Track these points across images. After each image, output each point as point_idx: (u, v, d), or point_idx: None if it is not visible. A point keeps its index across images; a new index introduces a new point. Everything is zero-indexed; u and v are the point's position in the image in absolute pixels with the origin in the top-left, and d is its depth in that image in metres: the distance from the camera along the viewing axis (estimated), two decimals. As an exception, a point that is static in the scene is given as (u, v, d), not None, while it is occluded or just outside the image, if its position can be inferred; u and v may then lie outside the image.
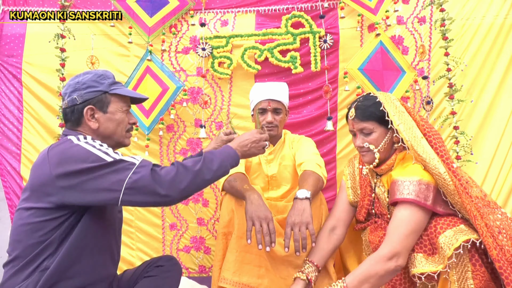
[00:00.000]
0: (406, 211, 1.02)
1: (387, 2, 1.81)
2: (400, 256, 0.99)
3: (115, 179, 0.86)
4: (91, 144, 0.93)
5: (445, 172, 0.99)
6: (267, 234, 1.14)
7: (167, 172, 0.91)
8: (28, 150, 1.91)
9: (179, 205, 1.97)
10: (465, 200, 0.98)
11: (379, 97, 1.13)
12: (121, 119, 1.04)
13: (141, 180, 0.87)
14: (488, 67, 1.90)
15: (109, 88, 1.03)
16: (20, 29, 1.93)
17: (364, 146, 1.14)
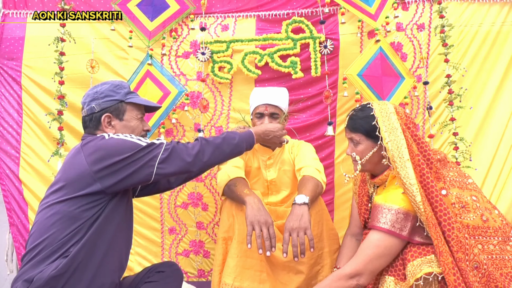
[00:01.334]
0: (377, 235, 1.04)
1: (387, 9, 1.86)
2: (362, 276, 1.03)
3: (148, 158, 1.01)
4: (121, 136, 1.05)
5: (420, 202, 0.99)
6: (267, 239, 1.17)
7: (192, 145, 1.09)
8: (27, 153, 1.93)
9: (178, 209, 2.00)
10: (433, 234, 0.98)
11: (374, 111, 1.13)
12: (136, 126, 1.15)
13: (171, 153, 1.04)
14: (485, 74, 1.95)
15: (125, 97, 1.14)
16: (20, 32, 1.95)
17: (352, 156, 1.20)
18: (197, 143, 1.09)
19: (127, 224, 1.13)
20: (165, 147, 1.04)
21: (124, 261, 1.12)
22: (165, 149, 1.04)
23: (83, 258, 0.97)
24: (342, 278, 1.05)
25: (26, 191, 1.92)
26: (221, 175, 1.47)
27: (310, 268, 1.35)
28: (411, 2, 1.98)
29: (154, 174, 1.02)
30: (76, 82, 1.95)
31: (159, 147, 1.04)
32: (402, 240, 1.04)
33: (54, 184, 1.04)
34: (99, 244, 1.00)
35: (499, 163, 1.87)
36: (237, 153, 1.18)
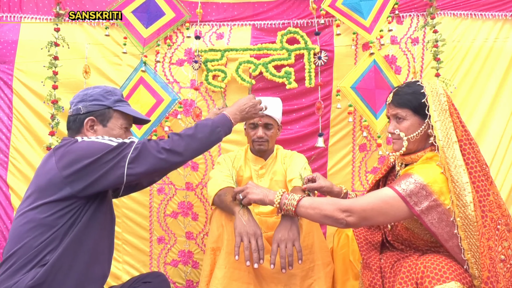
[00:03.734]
0: (391, 193, 1.04)
1: (382, 22, 1.95)
2: (353, 216, 1.06)
3: (118, 158, 1.01)
4: (93, 138, 1.06)
5: (467, 183, 1.00)
6: (255, 251, 1.20)
7: (164, 140, 1.08)
8: (16, 158, 1.97)
9: (168, 218, 2.03)
10: (478, 214, 0.99)
11: (425, 88, 1.13)
12: (118, 135, 1.14)
13: (141, 151, 1.02)
14: (478, 90, 2.03)
15: (114, 104, 1.14)
16: (13, 36, 2.01)
17: (395, 133, 1.17)
18: (169, 139, 1.09)
19: (108, 232, 1.14)
20: (134, 146, 1.03)
21: (107, 269, 1.14)
22: (134, 148, 1.03)
23: (63, 267, 0.97)
24: (336, 206, 1.08)
25: (13, 196, 1.95)
26: (211, 185, 1.52)
27: (301, 281, 1.38)
28: (405, 16, 2.07)
29: (126, 175, 1.01)
30: (69, 87, 2.00)
31: (129, 146, 1.03)
32: (410, 212, 1.03)
33: (27, 190, 1.05)
34: (80, 252, 1.00)
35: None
36: (216, 139, 1.17)
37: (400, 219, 1.08)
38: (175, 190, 2.04)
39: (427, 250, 1.19)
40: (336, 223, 1.09)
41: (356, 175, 2.04)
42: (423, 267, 1.01)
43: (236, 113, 1.24)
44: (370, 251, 1.26)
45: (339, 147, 2.04)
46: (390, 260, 1.20)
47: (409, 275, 1.04)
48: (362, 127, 2.01)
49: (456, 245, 1.03)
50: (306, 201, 1.14)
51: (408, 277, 1.04)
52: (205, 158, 2.05)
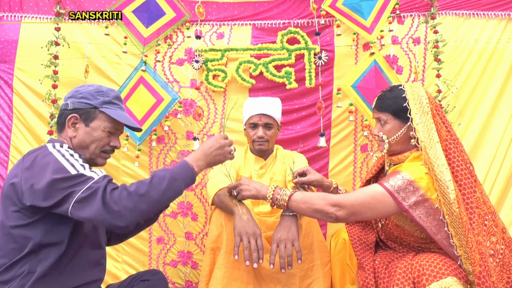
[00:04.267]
0: (380, 189, 1.09)
1: (382, 22, 1.95)
2: (342, 210, 1.10)
3: (69, 191, 0.93)
4: (62, 153, 1.01)
5: (450, 181, 1.04)
6: (254, 251, 1.21)
7: (117, 195, 0.94)
8: (16, 157, 1.99)
9: (167, 218, 2.04)
10: (463, 211, 1.03)
11: (406, 92, 1.18)
12: (99, 138, 1.11)
13: (91, 195, 0.92)
14: (480, 90, 2.04)
15: (101, 105, 1.11)
16: (14, 35, 2.03)
17: (379, 135, 1.24)
18: (117, 193, 0.94)
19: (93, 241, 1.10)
20: (89, 185, 0.93)
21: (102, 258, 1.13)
22: (88, 187, 0.93)
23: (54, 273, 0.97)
24: (326, 200, 1.12)
25: (13, 195, 1.96)
26: (211, 185, 1.53)
27: (300, 281, 1.39)
28: (406, 16, 2.08)
29: (70, 212, 0.93)
30: (69, 86, 2.02)
31: (85, 182, 0.94)
32: (398, 207, 1.07)
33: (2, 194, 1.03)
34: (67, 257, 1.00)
35: (491, 181, 1.94)
36: (173, 195, 1.00)
37: (388, 214, 1.11)
38: (175, 190, 2.04)
39: (418, 247, 1.21)
40: (326, 217, 1.13)
41: (358, 176, 2.04)
42: (418, 266, 1.04)
43: (200, 159, 1.07)
44: (364, 251, 1.29)
45: (341, 147, 2.04)
46: (384, 261, 1.22)
47: (405, 275, 1.06)
48: (363, 127, 2.02)
49: (445, 237, 1.06)
50: (297, 196, 1.17)
51: (404, 277, 1.06)
52: (205, 158, 2.05)
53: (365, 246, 1.30)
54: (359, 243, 1.31)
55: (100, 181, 0.95)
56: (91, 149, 1.11)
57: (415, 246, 1.22)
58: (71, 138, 1.10)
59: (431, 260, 1.04)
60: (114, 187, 0.96)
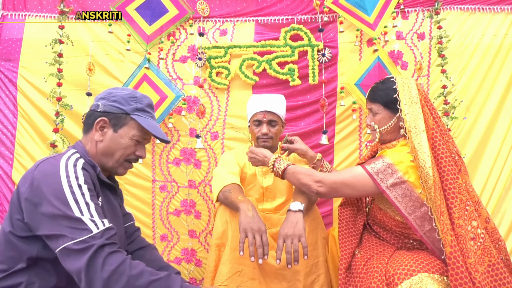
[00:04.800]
0: (360, 170, 1.20)
1: (386, 18, 1.95)
2: (323, 187, 1.23)
3: (63, 233, 0.89)
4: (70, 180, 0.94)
5: (430, 167, 1.12)
6: (260, 247, 1.22)
7: (111, 260, 0.89)
8: (21, 154, 2.01)
9: (170, 216, 2.05)
10: (437, 195, 1.10)
11: (397, 84, 1.26)
12: (126, 145, 1.07)
13: (80, 251, 0.88)
14: (487, 85, 2.03)
15: (132, 112, 1.07)
16: (18, 34, 2.05)
17: (371, 125, 1.31)
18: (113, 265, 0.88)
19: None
20: (84, 239, 0.88)
21: None
22: (82, 240, 0.88)
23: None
24: (312, 177, 1.26)
25: (18, 192, 1.98)
26: (215, 181, 1.54)
27: (305, 277, 1.39)
28: (411, 11, 2.08)
29: (57, 253, 0.90)
30: (73, 84, 2.04)
31: (81, 232, 0.89)
32: (377, 188, 1.17)
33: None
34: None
35: (496, 176, 1.94)
36: None
37: (367, 194, 1.22)
38: (178, 187, 2.06)
39: (399, 232, 1.28)
40: (309, 191, 1.28)
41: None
42: (390, 268, 1.12)
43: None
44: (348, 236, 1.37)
45: (346, 144, 2.04)
46: (364, 256, 1.28)
47: (379, 277, 1.13)
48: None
49: (418, 217, 1.14)
50: (290, 169, 1.32)
51: (379, 279, 1.13)
52: (208, 155, 2.06)
53: (351, 233, 1.38)
54: (346, 229, 1.39)
55: (97, 238, 0.89)
56: (115, 157, 1.07)
57: (396, 231, 1.29)
58: (97, 142, 1.06)
59: (403, 259, 1.12)
60: (112, 251, 0.90)
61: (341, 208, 1.45)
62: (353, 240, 1.36)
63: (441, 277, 1.06)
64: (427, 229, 1.14)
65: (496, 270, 1.07)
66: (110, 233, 0.93)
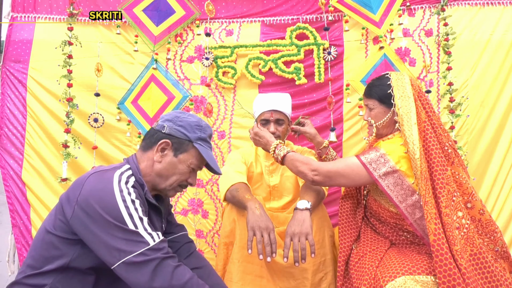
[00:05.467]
0: (355, 160, 1.25)
1: (392, 16, 1.95)
2: (319, 175, 1.27)
3: (119, 246, 0.90)
4: (123, 195, 0.95)
5: (418, 158, 1.17)
6: (268, 245, 1.23)
7: (178, 274, 0.92)
8: (31, 155, 2.05)
9: (178, 216, 2.07)
10: (423, 186, 1.16)
11: (391, 80, 1.31)
12: (182, 172, 1.09)
13: (143, 264, 0.90)
14: (500, 82, 1.99)
15: (196, 141, 1.09)
16: (28, 35, 2.09)
17: (368, 120, 1.36)
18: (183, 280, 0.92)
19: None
20: (144, 251, 0.91)
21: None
22: (142, 253, 0.90)
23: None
24: (308, 165, 1.29)
25: (29, 192, 2.03)
26: (223, 181, 1.55)
27: (312, 275, 1.40)
28: (417, 8, 2.07)
29: (113, 268, 0.91)
30: (82, 85, 2.08)
31: (141, 244, 0.91)
32: (370, 177, 1.21)
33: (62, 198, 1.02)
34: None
35: (505, 172, 1.92)
36: None
37: (360, 183, 1.26)
38: (186, 187, 2.07)
39: (394, 223, 1.32)
40: (305, 179, 1.31)
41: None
42: (378, 271, 1.17)
43: None
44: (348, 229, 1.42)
45: (354, 141, 2.04)
46: (360, 252, 1.33)
47: (369, 279, 1.19)
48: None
49: (409, 205, 1.19)
50: (289, 156, 1.35)
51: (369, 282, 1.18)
52: (216, 154, 2.08)
53: (350, 225, 1.43)
54: (346, 221, 1.43)
55: (157, 251, 0.92)
56: (170, 181, 1.09)
57: (391, 222, 1.33)
58: (154, 162, 1.07)
59: (389, 262, 1.18)
60: (177, 264, 0.94)
61: (342, 201, 1.50)
62: (352, 233, 1.40)
63: (427, 277, 1.10)
64: (417, 216, 1.19)
65: (478, 260, 1.12)
66: (166, 245, 0.96)
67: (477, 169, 1.96)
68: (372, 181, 1.23)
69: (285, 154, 1.35)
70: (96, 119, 2.04)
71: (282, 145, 1.39)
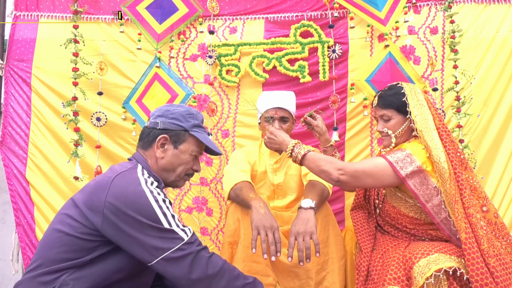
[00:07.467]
0: (381, 160, 1.22)
1: (397, 13, 1.93)
2: (345, 175, 1.22)
3: (157, 245, 0.94)
4: (154, 195, 0.98)
5: (445, 161, 1.18)
6: (272, 244, 1.22)
7: (212, 263, 0.98)
8: (35, 154, 2.05)
9: (182, 213, 2.07)
10: (452, 186, 1.16)
11: (404, 88, 1.33)
12: (186, 161, 1.12)
13: (183, 257, 0.95)
14: (504, 81, 1.97)
15: (191, 128, 1.12)
16: (32, 34, 2.09)
17: (384, 131, 1.35)
18: (217, 267, 0.98)
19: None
20: (180, 246, 0.95)
21: None
22: (179, 248, 0.95)
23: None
24: (333, 164, 1.24)
25: (33, 191, 2.03)
26: (227, 179, 1.54)
27: (316, 274, 1.40)
28: (423, 6, 2.05)
29: (152, 264, 0.94)
30: (85, 84, 2.06)
31: (175, 241, 0.95)
32: (397, 178, 1.20)
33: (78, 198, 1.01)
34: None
35: (510, 174, 1.91)
36: None
37: (386, 184, 1.23)
38: (190, 185, 2.08)
39: (413, 229, 1.32)
40: (329, 178, 1.25)
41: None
42: (408, 253, 1.16)
43: None
44: (366, 236, 1.41)
45: (357, 141, 2.03)
46: (380, 250, 1.33)
47: (398, 261, 1.18)
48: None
49: (436, 205, 1.19)
50: (310, 156, 1.29)
51: (397, 264, 1.18)
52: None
53: (367, 233, 1.42)
54: (362, 229, 1.42)
55: (192, 244, 0.97)
56: (177, 172, 1.12)
57: (409, 228, 1.33)
58: (158, 158, 1.10)
59: (420, 245, 1.16)
60: (209, 255, 0.99)
61: (353, 212, 1.50)
62: (371, 240, 1.38)
63: (458, 259, 1.10)
64: (443, 216, 1.18)
65: (500, 261, 1.11)
66: (197, 237, 1.01)
67: (481, 168, 1.95)
68: (398, 182, 1.21)
69: (305, 152, 1.30)
70: (99, 118, 2.04)
71: (301, 144, 1.34)
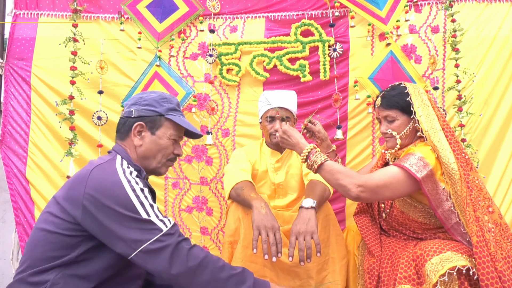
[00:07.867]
0: (396, 169, 1.18)
1: (398, 12, 1.92)
2: (365, 192, 1.16)
3: (135, 236, 0.91)
4: (132, 185, 0.96)
5: (454, 163, 1.16)
6: (273, 244, 1.22)
7: (193, 255, 0.94)
8: (35, 153, 2.04)
9: (182, 213, 2.07)
10: (463, 188, 1.14)
11: (408, 88, 1.29)
12: (165, 146, 1.10)
13: (162, 249, 0.91)
14: (506, 80, 1.96)
15: (167, 113, 1.10)
16: (31, 33, 2.08)
17: (388, 132, 1.31)
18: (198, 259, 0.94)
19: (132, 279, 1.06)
20: (159, 237, 0.92)
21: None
22: (157, 239, 0.92)
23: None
24: (352, 179, 1.17)
25: (33, 190, 2.02)
26: (227, 179, 1.54)
27: (316, 274, 1.40)
28: (424, 4, 2.04)
29: (131, 258, 0.92)
30: (84, 82, 2.06)
31: (155, 231, 0.93)
32: (414, 182, 1.16)
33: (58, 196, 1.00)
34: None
35: (511, 173, 1.90)
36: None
37: (403, 194, 1.21)
38: (190, 184, 2.07)
39: (420, 233, 1.30)
40: (347, 193, 1.19)
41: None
42: (419, 250, 1.14)
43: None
44: (373, 239, 1.38)
45: (358, 139, 2.02)
46: (387, 251, 1.31)
47: (408, 259, 1.16)
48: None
49: (446, 210, 1.17)
50: (328, 165, 1.21)
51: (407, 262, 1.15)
52: (220, 152, 2.07)
53: (374, 236, 1.40)
54: (368, 233, 1.40)
55: (171, 236, 0.94)
56: (157, 158, 1.10)
57: (416, 232, 1.32)
58: (136, 146, 1.08)
59: (432, 243, 1.14)
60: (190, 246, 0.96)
61: (356, 217, 1.48)
62: (378, 242, 1.37)
63: (469, 258, 1.09)
64: (454, 221, 1.17)
65: (508, 264, 1.10)
66: (177, 228, 0.98)
67: (482, 167, 1.94)
68: (415, 188, 1.18)
69: (322, 162, 1.20)
70: (100, 117, 2.03)
71: (318, 151, 1.24)
